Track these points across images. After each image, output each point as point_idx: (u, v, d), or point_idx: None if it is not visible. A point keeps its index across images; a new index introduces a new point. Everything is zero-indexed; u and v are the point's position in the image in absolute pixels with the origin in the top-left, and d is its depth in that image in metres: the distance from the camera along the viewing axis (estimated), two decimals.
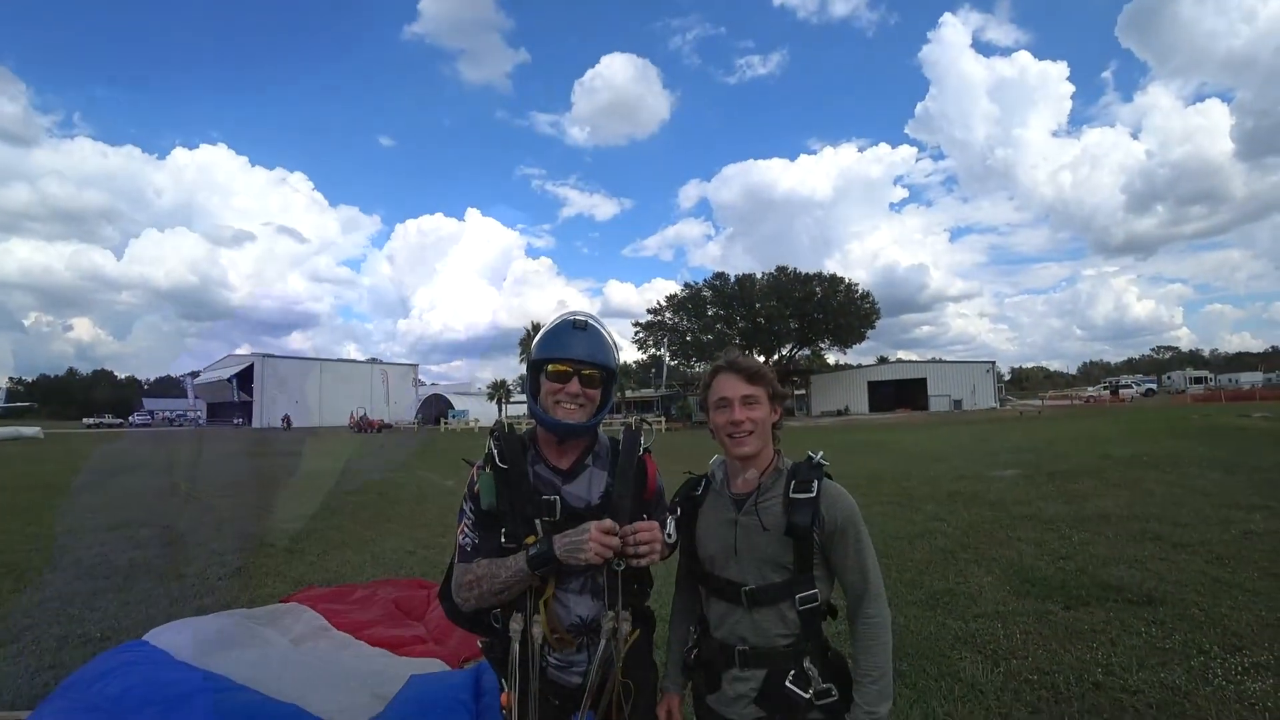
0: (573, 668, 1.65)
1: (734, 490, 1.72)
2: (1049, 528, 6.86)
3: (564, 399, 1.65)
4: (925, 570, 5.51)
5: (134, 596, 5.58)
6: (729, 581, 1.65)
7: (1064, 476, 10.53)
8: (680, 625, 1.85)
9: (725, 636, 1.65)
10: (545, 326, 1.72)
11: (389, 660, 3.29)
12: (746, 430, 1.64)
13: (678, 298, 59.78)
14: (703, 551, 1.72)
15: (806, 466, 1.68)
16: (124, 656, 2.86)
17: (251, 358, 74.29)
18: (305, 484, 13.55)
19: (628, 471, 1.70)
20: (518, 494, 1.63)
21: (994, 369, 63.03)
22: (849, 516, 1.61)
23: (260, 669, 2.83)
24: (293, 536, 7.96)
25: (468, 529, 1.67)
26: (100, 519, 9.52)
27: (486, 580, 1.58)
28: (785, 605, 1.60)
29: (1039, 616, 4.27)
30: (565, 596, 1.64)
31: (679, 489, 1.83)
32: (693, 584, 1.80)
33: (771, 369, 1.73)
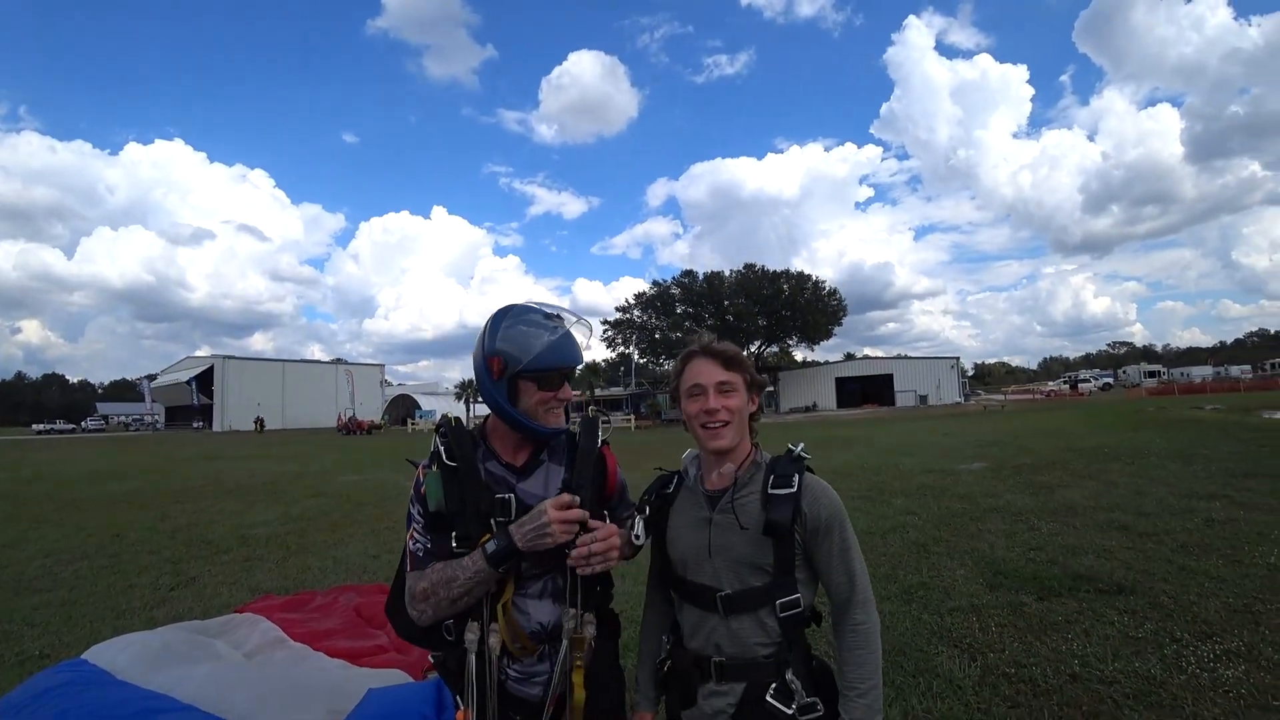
0: (534, 679, 1.52)
1: (708, 487, 1.57)
2: (1018, 519, 6.93)
3: (556, 405, 1.54)
4: (899, 564, 5.50)
5: (79, 610, 5.29)
6: (703, 586, 1.50)
7: (1030, 469, 10.71)
8: (652, 635, 1.69)
9: (700, 647, 1.51)
10: (515, 325, 1.52)
11: (348, 672, 3.11)
12: (722, 420, 1.50)
13: (646, 296, 59.93)
14: (674, 553, 1.58)
15: (787, 460, 1.54)
16: (59, 677, 2.65)
17: (211, 359, 72.24)
18: (266, 488, 13.12)
19: (586, 465, 1.57)
20: (469, 493, 1.49)
21: (958, 365, 64.34)
22: (833, 513, 1.48)
23: (208, 686, 2.63)
24: (251, 542, 7.68)
25: (418, 533, 1.53)
26: (45, 529, 9.09)
27: (443, 586, 1.44)
28: (765, 612, 1.46)
29: (1013, 608, 4.27)
30: (524, 602, 1.51)
31: (649, 485, 1.68)
32: (665, 589, 1.64)
33: (746, 356, 1.59)
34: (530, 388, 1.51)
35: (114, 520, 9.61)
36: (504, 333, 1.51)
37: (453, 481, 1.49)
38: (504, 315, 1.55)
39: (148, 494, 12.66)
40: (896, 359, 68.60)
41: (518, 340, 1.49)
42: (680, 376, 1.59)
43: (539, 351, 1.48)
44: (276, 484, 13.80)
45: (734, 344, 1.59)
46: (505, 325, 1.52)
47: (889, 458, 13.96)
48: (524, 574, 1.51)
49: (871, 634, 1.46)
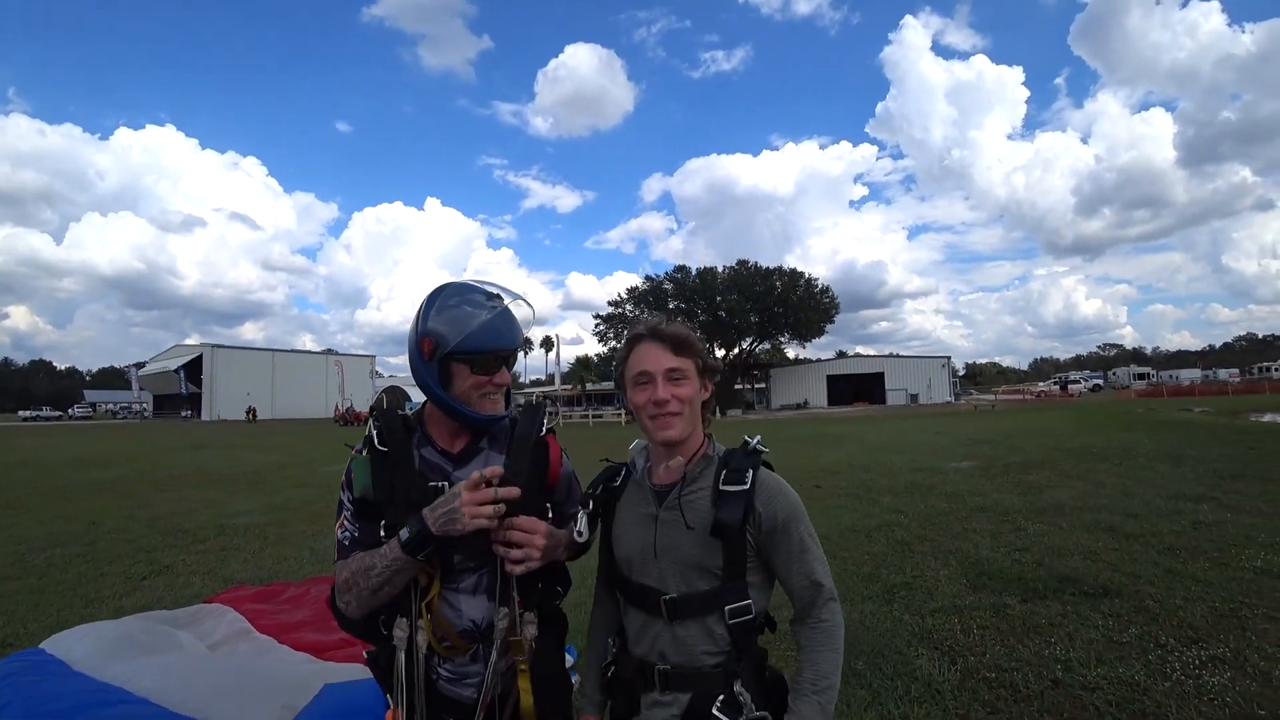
0: (466, 679, 1.43)
1: (655, 481, 1.45)
2: (1005, 519, 6.88)
3: (492, 390, 1.43)
4: (882, 563, 5.43)
5: (46, 598, 5.17)
6: (647, 588, 1.39)
7: (1019, 468, 10.70)
8: (599, 636, 1.58)
9: (644, 653, 1.40)
10: (446, 303, 1.42)
11: (310, 667, 3.04)
12: (672, 410, 1.38)
13: (639, 290, 60.05)
14: (619, 552, 1.46)
15: (741, 453, 1.42)
16: (12, 666, 2.61)
17: (200, 348, 71.61)
18: (250, 478, 12.99)
19: (521, 452, 1.46)
20: (400, 480, 1.39)
21: (949, 364, 64.67)
22: (790, 512, 1.37)
23: (165, 678, 2.58)
24: (229, 532, 7.57)
25: (347, 521, 1.43)
26: (21, 516, 8.93)
27: (362, 576, 1.34)
28: (712, 618, 1.34)
29: (996, 610, 4.19)
30: (455, 597, 1.41)
31: (595, 478, 1.57)
32: (612, 589, 1.53)
33: (699, 337, 1.46)
34: (463, 370, 1.40)
35: (93, 508, 9.47)
36: (436, 312, 1.41)
37: (383, 468, 1.40)
38: (439, 293, 1.44)
39: (129, 482, 12.50)
40: (888, 357, 68.86)
41: (450, 320, 1.38)
42: (625, 363, 1.46)
43: (471, 331, 1.37)
44: (260, 473, 13.66)
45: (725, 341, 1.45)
46: (439, 304, 1.42)
47: (878, 456, 13.94)
48: (457, 567, 1.41)
49: (834, 631, 1.35)
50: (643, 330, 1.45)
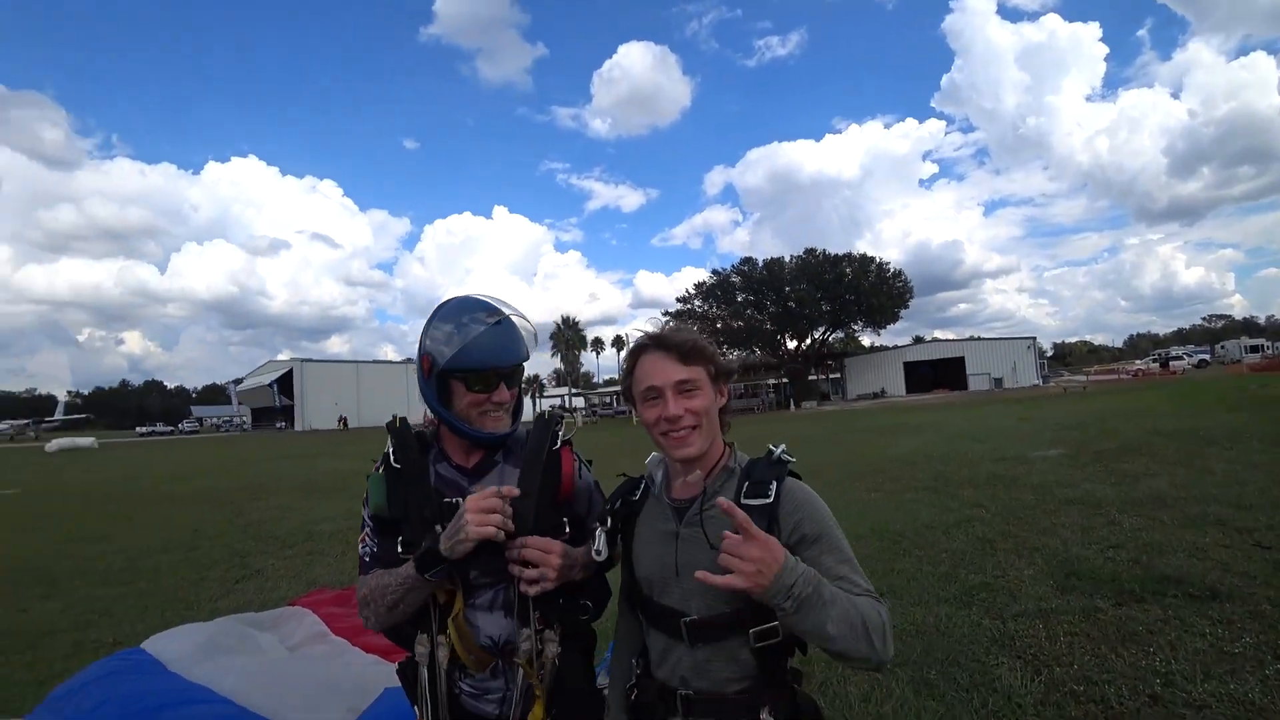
0: (488, 695, 1.42)
1: (674, 495, 1.37)
2: (1097, 512, 6.39)
3: (491, 409, 1.41)
4: (960, 562, 5.15)
5: (153, 601, 5.61)
6: (668, 609, 1.30)
7: (1112, 455, 9.94)
8: (622, 656, 1.50)
9: (666, 677, 1.32)
10: (443, 320, 1.41)
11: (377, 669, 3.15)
12: (687, 425, 1.28)
13: (706, 285, 59.48)
14: (639, 571, 1.38)
15: (765, 463, 1.32)
16: (113, 665, 2.86)
17: (290, 363, 76.19)
18: (335, 485, 13.66)
19: (535, 467, 1.43)
20: (415, 497, 1.39)
21: (1035, 345, 61.23)
22: (819, 525, 1.25)
23: (244, 679, 2.76)
24: (315, 537, 7.97)
25: (367, 538, 1.45)
26: (133, 524, 9.71)
27: (378, 594, 1.36)
28: (736, 642, 1.25)
29: (1086, 615, 3.87)
30: (472, 614, 1.41)
31: (613, 492, 1.50)
32: (635, 608, 1.45)
33: (709, 340, 1.36)
34: (460, 388, 1.39)
35: (196, 516, 10.22)
36: (434, 328, 1.40)
37: (398, 485, 1.40)
38: (439, 310, 1.43)
39: (228, 491, 13.39)
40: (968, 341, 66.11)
41: (446, 336, 1.37)
42: (631, 376, 1.36)
43: (465, 347, 1.35)
44: (344, 480, 14.35)
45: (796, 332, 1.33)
46: (437, 320, 1.41)
47: (958, 444, 13.33)
48: (473, 583, 1.40)
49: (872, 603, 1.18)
50: (645, 340, 1.35)
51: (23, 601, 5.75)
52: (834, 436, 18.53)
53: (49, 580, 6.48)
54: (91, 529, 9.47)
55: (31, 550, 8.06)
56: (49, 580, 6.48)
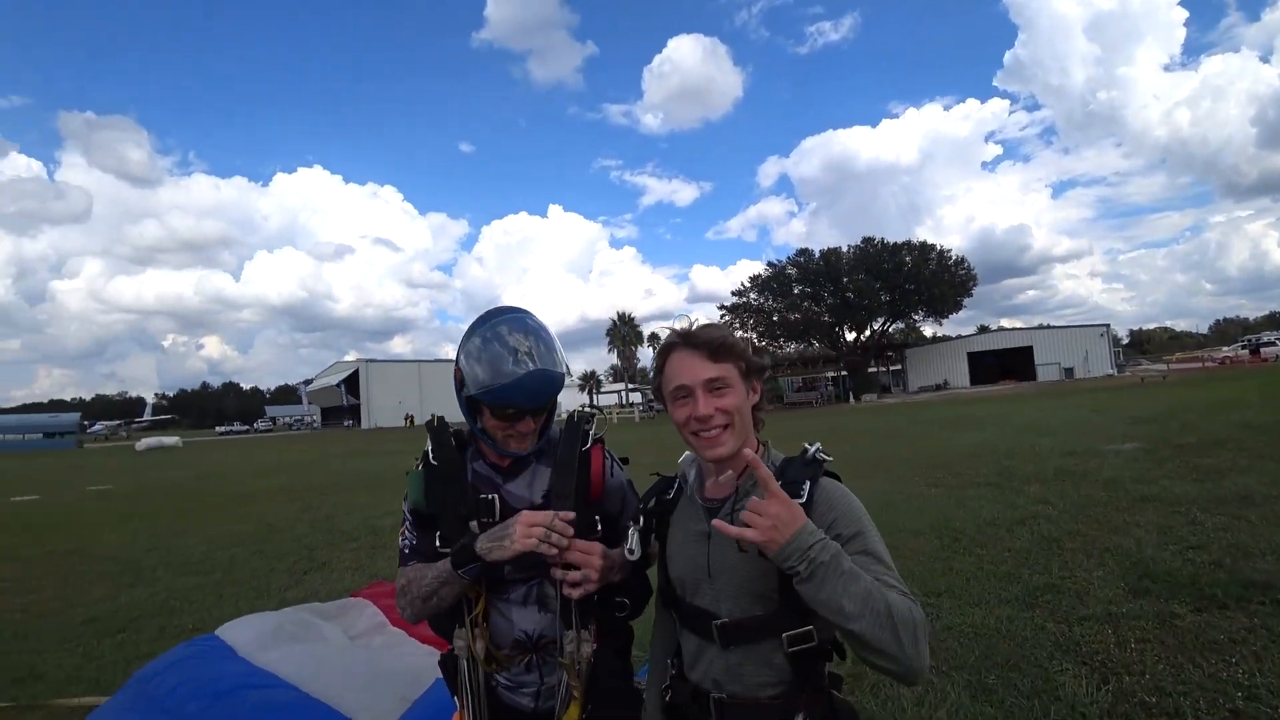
0: (523, 688, 1.47)
1: (706, 495, 1.35)
2: (1175, 511, 6.00)
3: (514, 434, 1.44)
4: (1024, 562, 4.93)
5: (228, 590, 5.95)
6: (700, 610, 1.29)
7: (1194, 450, 9.30)
8: (659, 656, 1.49)
9: (699, 679, 1.30)
10: (481, 347, 1.40)
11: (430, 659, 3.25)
12: (718, 425, 1.26)
13: (762, 278, 58.69)
14: (672, 572, 1.37)
15: (799, 463, 1.28)
16: (190, 650, 3.05)
17: (356, 364, 79.22)
18: (397, 481, 14.10)
19: (568, 467, 1.45)
20: (452, 493, 1.44)
21: (1109, 332, 57.96)
22: (853, 526, 1.20)
23: (307, 666, 2.91)
24: (378, 531, 8.26)
25: (407, 531, 1.51)
26: (212, 518, 10.30)
27: (414, 585, 1.41)
28: (769, 646, 1.22)
29: (1161, 621, 3.63)
30: (506, 608, 1.45)
31: (646, 491, 1.48)
32: (670, 608, 1.43)
33: (738, 336, 1.32)
34: (486, 411, 1.42)
35: (268, 510, 10.77)
36: (466, 347, 1.43)
37: (435, 481, 1.45)
38: (477, 326, 1.44)
39: (297, 487, 14.05)
40: (1037, 329, 63.22)
41: (473, 365, 1.39)
42: (661, 374, 1.33)
43: (489, 387, 1.37)
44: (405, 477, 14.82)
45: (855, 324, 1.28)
46: (472, 339, 1.42)
47: (1024, 438, 12.77)
48: (507, 578, 1.44)
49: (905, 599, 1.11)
50: (675, 337, 1.32)
51: (113, 590, 6.20)
52: (893, 430, 18.04)
53: (137, 570, 6.96)
54: (175, 523, 10.09)
55: (122, 542, 8.66)
56: (137, 570, 6.96)
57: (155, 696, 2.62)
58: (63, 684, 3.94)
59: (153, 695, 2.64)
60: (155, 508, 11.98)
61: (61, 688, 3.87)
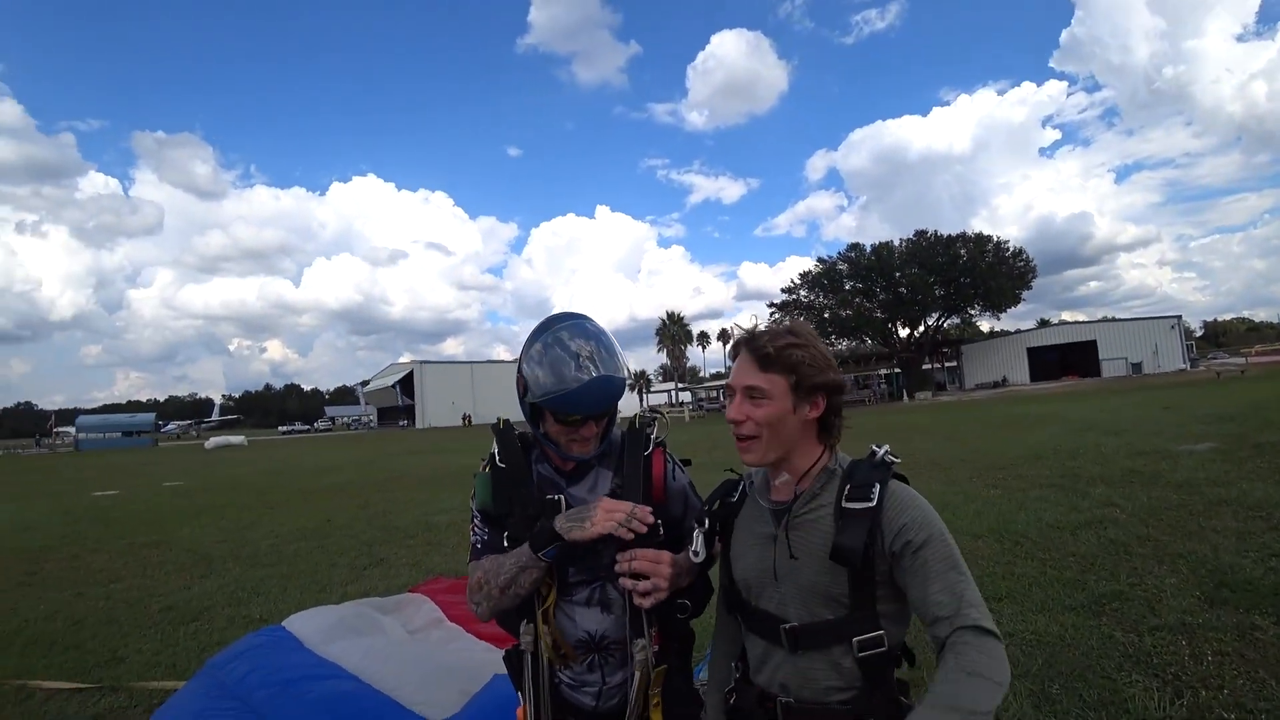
0: (585, 687, 1.48)
1: (772, 498, 1.34)
2: (1256, 515, 5.66)
3: (577, 439, 1.45)
4: (1090, 567, 4.73)
5: (293, 583, 6.19)
6: (767, 614, 1.28)
7: (1276, 450, 8.75)
8: (721, 659, 1.49)
9: (766, 683, 1.29)
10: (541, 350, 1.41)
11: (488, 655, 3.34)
12: (746, 433, 1.27)
13: (812, 274, 57.84)
14: (737, 574, 1.36)
15: (867, 465, 1.26)
16: (259, 640, 3.19)
17: (411, 365, 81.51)
18: (452, 479, 14.44)
19: (634, 471, 1.47)
20: (518, 495, 1.47)
21: (1180, 324, 55.08)
22: (924, 530, 1.17)
23: (369, 658, 3.01)
24: (433, 529, 8.48)
25: (477, 527, 1.53)
26: (277, 513, 10.75)
27: (492, 575, 1.42)
28: (839, 650, 1.21)
29: (1240, 633, 3.44)
30: (570, 609, 1.47)
31: (712, 492, 1.49)
32: (733, 611, 1.43)
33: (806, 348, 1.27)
34: (549, 417, 1.44)
35: (329, 507, 11.16)
36: (529, 353, 1.44)
37: (502, 483, 1.48)
38: (539, 333, 1.45)
39: (356, 485, 14.52)
40: (1101, 322, 60.75)
41: (536, 371, 1.40)
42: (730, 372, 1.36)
43: (553, 395, 1.38)
44: (459, 476, 15.13)
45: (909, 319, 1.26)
46: (536, 346, 1.43)
47: (1088, 437, 12.23)
48: (570, 580, 1.46)
49: (993, 660, 1.07)
50: (742, 336, 1.33)
51: (188, 580, 6.55)
52: (949, 429, 17.52)
53: (209, 561, 7.33)
54: (242, 517, 10.58)
55: (196, 535, 9.13)
56: (209, 561, 7.33)
57: (227, 683, 2.75)
58: (143, 668, 4.20)
59: (224, 682, 2.78)
60: (224, 503, 12.58)
61: (142, 672, 4.12)
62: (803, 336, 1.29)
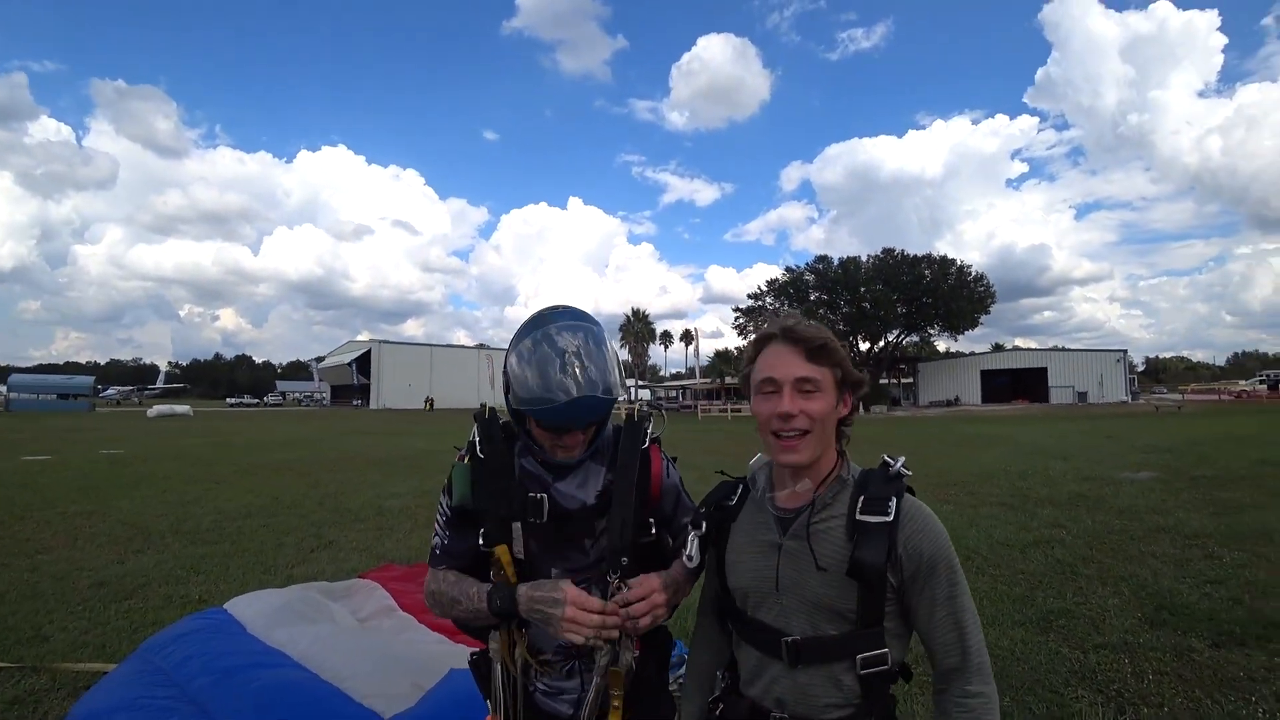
0: (562, 695, 1.41)
1: (779, 504, 1.26)
2: (1193, 543, 5.93)
3: (562, 446, 1.37)
4: (1038, 585, 4.87)
5: (235, 562, 5.94)
6: (765, 626, 1.22)
7: (1212, 483, 9.21)
8: (700, 670, 1.43)
9: (759, 696, 1.24)
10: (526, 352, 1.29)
11: (441, 648, 3.24)
12: (799, 429, 1.17)
13: (779, 282, 58.62)
14: (734, 582, 1.29)
15: (882, 477, 1.21)
16: (198, 623, 3.02)
17: (369, 344, 79.66)
18: (407, 462, 14.16)
19: (630, 468, 1.39)
20: (499, 490, 1.36)
21: (1125, 359, 57.33)
22: (939, 551, 1.16)
23: (317, 646, 2.87)
24: (386, 513, 8.27)
25: (439, 527, 1.44)
26: (222, 489, 10.34)
27: (447, 603, 1.36)
28: (841, 666, 1.17)
29: (1178, 654, 3.58)
30: None
31: (707, 495, 1.41)
32: (720, 619, 1.37)
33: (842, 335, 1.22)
34: (532, 420, 1.35)
35: (276, 485, 10.78)
36: (514, 353, 1.32)
37: (482, 476, 1.38)
38: (527, 331, 1.33)
39: (307, 463, 14.10)
40: (1052, 351, 62.75)
41: (523, 371, 1.29)
42: (753, 365, 1.25)
43: (537, 408, 1.28)
44: (415, 459, 14.86)
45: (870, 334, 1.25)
46: (526, 341, 1.31)
47: (1037, 460, 12.66)
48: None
49: (989, 710, 1.13)
50: (774, 329, 1.24)
51: (122, 554, 6.22)
52: (905, 444, 17.91)
53: (145, 535, 6.97)
54: (184, 490, 10.14)
55: (133, 508, 8.69)
56: (145, 535, 6.97)
57: (163, 669, 2.59)
58: (68, 648, 3.91)
59: (160, 667, 2.61)
60: (166, 474, 12.05)
61: (67, 652, 3.84)
62: (830, 332, 1.25)
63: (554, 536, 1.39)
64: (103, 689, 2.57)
